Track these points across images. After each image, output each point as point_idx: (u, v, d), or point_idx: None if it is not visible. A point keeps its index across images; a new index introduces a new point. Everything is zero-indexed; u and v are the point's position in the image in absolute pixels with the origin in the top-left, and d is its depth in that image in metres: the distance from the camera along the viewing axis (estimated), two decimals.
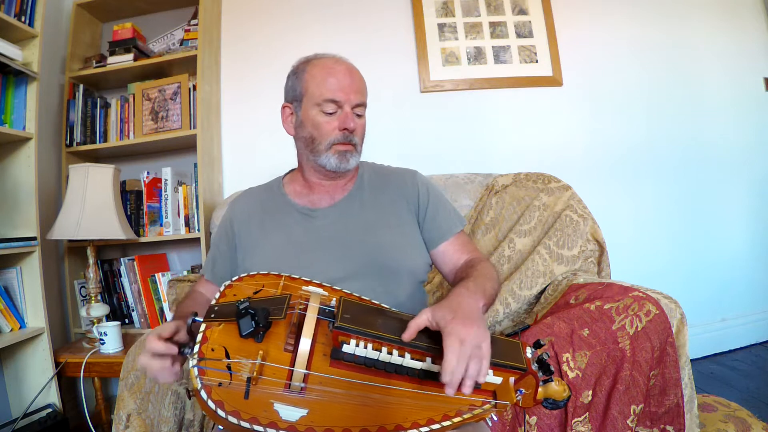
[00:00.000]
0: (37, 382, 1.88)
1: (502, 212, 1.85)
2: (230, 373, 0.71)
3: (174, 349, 0.82)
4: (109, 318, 2.05)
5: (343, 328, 0.75)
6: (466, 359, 0.71)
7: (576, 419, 1.14)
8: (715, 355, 2.37)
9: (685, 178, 2.46)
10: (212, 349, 0.73)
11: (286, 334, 0.79)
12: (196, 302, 1.14)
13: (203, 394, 0.68)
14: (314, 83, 1.09)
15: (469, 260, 1.12)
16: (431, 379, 0.77)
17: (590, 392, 1.15)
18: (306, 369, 0.73)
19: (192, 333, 0.85)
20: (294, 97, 1.15)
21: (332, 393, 0.72)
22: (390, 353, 0.75)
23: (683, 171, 2.46)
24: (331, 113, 1.08)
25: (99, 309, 1.98)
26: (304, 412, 0.69)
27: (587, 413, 1.15)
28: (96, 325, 1.94)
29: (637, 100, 2.45)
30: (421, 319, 0.78)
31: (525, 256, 1.73)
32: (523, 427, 1.14)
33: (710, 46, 2.52)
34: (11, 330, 1.82)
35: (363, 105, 1.13)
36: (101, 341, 1.87)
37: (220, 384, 0.69)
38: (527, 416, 1.15)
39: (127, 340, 1.95)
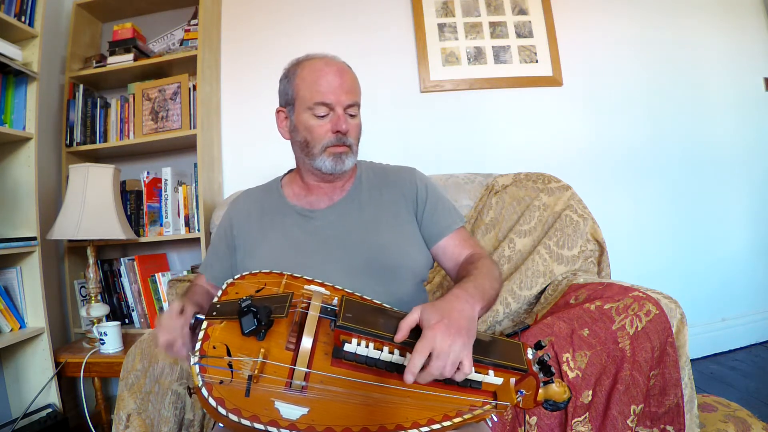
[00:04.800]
0: (37, 382, 1.88)
1: (502, 212, 1.85)
2: (231, 371, 0.71)
3: (188, 321, 0.89)
4: (109, 318, 2.05)
5: (344, 327, 0.75)
6: (433, 368, 0.71)
7: (576, 419, 1.13)
8: (715, 355, 2.37)
9: (685, 178, 2.46)
10: (214, 347, 0.74)
11: (287, 332, 0.79)
12: (198, 295, 1.15)
13: (204, 391, 0.68)
14: (305, 86, 1.08)
15: (470, 256, 1.11)
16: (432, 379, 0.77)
17: (590, 392, 1.15)
18: (307, 368, 0.73)
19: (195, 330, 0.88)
20: (287, 101, 1.14)
21: (333, 392, 0.73)
22: (391, 353, 0.75)
23: (683, 171, 2.46)
24: (323, 116, 1.07)
25: (99, 309, 1.97)
26: (304, 410, 0.69)
27: (587, 413, 1.15)
28: (96, 325, 1.94)
29: (637, 100, 2.46)
30: (412, 318, 0.77)
31: (525, 256, 1.73)
32: (523, 427, 1.14)
33: (710, 46, 2.52)
34: (11, 330, 1.82)
35: (356, 105, 1.11)
36: (101, 341, 1.87)
37: (221, 382, 0.69)
38: (527, 416, 1.15)
39: (127, 340, 1.95)
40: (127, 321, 2.22)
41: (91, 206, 1.89)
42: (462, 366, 0.73)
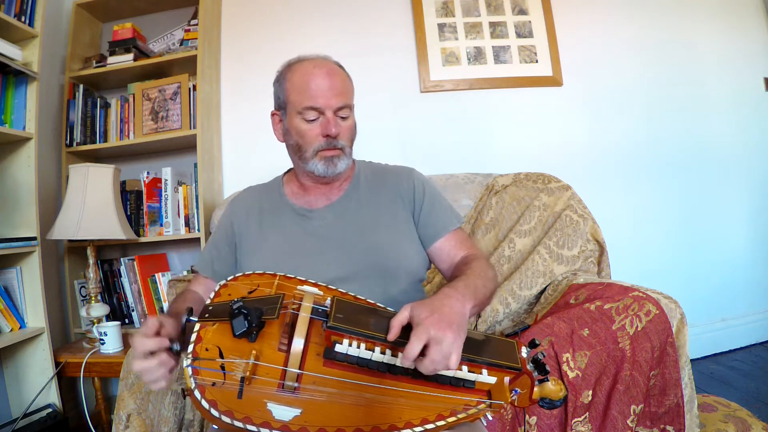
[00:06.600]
0: (37, 382, 1.88)
1: (502, 212, 1.85)
2: (224, 373, 0.71)
3: (165, 342, 0.79)
4: (109, 318, 2.05)
5: (335, 327, 0.75)
6: (433, 353, 0.70)
7: (576, 419, 1.13)
8: (715, 355, 2.36)
9: (685, 178, 2.46)
10: (206, 349, 0.73)
11: (279, 333, 0.79)
12: (188, 301, 1.10)
13: (197, 393, 0.68)
14: (294, 91, 1.08)
15: (465, 257, 1.10)
16: (424, 378, 0.77)
17: (590, 392, 1.14)
18: (299, 369, 0.73)
19: (186, 332, 0.82)
20: (279, 105, 1.14)
21: (326, 393, 0.72)
22: (383, 353, 0.75)
23: (683, 171, 2.46)
24: (313, 120, 1.07)
25: (99, 309, 1.97)
26: (297, 411, 0.69)
27: (587, 413, 1.14)
28: (96, 325, 1.94)
29: (637, 100, 2.45)
30: (403, 316, 0.76)
31: (525, 256, 1.73)
32: (523, 427, 1.13)
33: (710, 46, 2.51)
34: (11, 330, 1.82)
35: (347, 107, 1.10)
36: (101, 341, 1.87)
37: (213, 384, 0.69)
38: (527, 416, 1.14)
39: (127, 340, 1.94)
40: (127, 321, 2.22)
41: (91, 206, 1.90)
42: (449, 361, 0.72)
